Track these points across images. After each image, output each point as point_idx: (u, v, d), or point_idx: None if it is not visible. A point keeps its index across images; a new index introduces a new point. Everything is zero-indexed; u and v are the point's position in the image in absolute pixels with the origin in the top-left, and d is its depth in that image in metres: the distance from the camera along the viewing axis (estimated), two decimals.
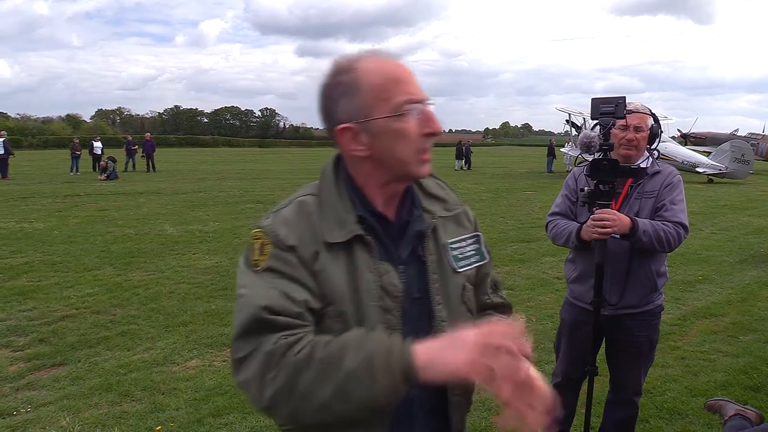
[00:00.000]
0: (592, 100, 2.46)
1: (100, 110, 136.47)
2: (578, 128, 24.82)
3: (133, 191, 16.41)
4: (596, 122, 2.47)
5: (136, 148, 26.59)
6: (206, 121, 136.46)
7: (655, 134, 2.67)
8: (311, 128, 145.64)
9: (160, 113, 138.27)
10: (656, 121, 2.68)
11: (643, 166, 2.60)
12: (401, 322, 1.11)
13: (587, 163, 2.50)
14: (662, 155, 17.13)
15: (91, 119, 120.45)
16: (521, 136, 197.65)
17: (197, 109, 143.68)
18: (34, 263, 7.25)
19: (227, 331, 4.84)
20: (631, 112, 2.53)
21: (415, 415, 1.18)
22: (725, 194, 17.59)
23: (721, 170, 22.06)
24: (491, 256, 1.32)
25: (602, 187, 2.42)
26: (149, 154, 25.61)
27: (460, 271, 1.22)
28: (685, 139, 37.09)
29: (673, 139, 29.80)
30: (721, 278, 6.89)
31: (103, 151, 24.81)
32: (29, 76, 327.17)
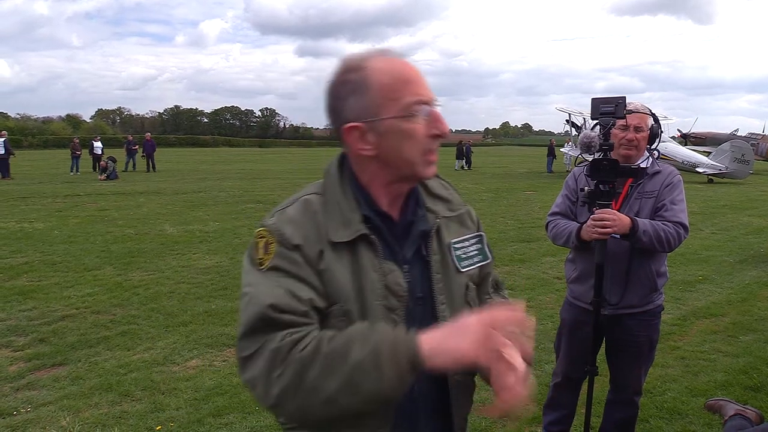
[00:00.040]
0: (592, 100, 2.46)
1: (100, 110, 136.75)
2: (578, 128, 24.82)
3: (133, 191, 16.41)
4: (596, 122, 2.47)
5: (136, 147, 26.58)
6: (206, 121, 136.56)
7: (655, 134, 2.67)
8: (311, 128, 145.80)
9: (160, 113, 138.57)
10: (656, 121, 2.68)
11: (643, 166, 2.60)
12: (405, 321, 1.11)
13: (587, 163, 2.50)
14: (662, 155, 17.13)
15: (91, 119, 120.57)
16: (521, 136, 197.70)
17: (197, 109, 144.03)
18: (34, 263, 7.25)
19: (227, 331, 4.84)
20: (631, 112, 2.53)
21: (417, 414, 1.18)
22: (725, 194, 17.58)
23: (721, 170, 22.06)
24: (494, 255, 1.32)
25: (602, 187, 2.42)
26: (149, 154, 25.61)
27: (463, 271, 1.22)
28: (685, 139, 37.09)
29: (673, 139, 29.80)
30: (721, 278, 6.89)
31: (103, 151, 24.81)
32: (29, 75, 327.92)
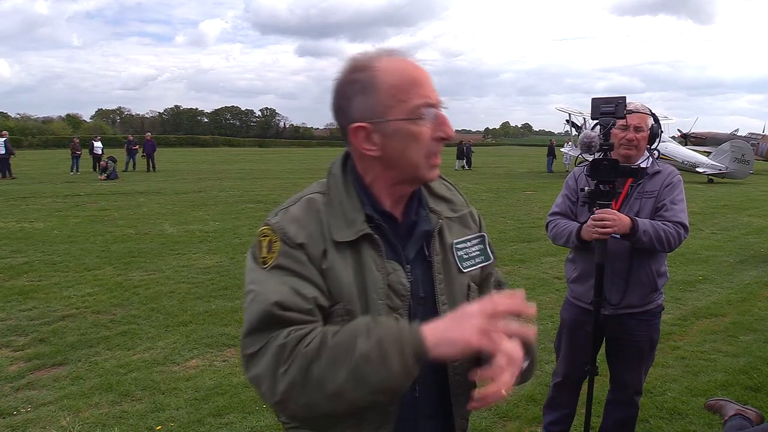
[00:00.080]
0: (592, 100, 2.46)
1: (100, 110, 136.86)
2: (578, 128, 24.84)
3: (133, 191, 16.42)
4: (596, 122, 2.47)
5: (137, 147, 26.57)
6: (206, 120, 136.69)
7: (655, 134, 2.67)
8: (311, 128, 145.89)
9: (160, 113, 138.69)
10: (656, 121, 2.68)
11: (643, 166, 2.60)
12: (407, 321, 1.11)
13: (587, 163, 2.50)
14: (662, 155, 17.14)
15: (91, 119, 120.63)
16: (521, 136, 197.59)
17: (197, 108, 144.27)
18: (34, 263, 7.25)
19: (227, 330, 4.84)
20: (631, 112, 2.54)
21: (418, 415, 1.18)
22: (725, 194, 17.59)
23: (721, 170, 22.07)
24: (496, 256, 1.32)
25: (602, 187, 2.42)
26: (150, 153, 25.60)
27: (465, 271, 1.22)
28: (685, 139, 37.08)
29: (673, 139, 29.81)
30: (721, 278, 6.89)
31: (103, 150, 24.81)
32: (29, 75, 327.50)
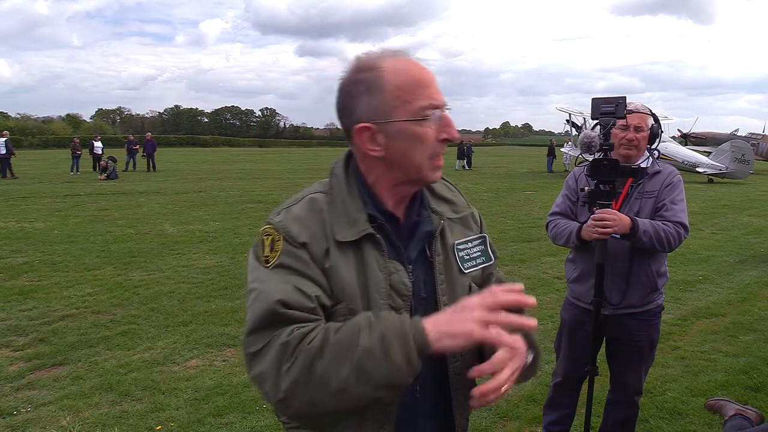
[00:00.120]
0: (592, 100, 2.46)
1: (100, 110, 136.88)
2: (578, 128, 24.83)
3: (133, 191, 16.42)
4: (596, 122, 2.47)
5: (137, 147, 26.59)
6: (206, 120, 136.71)
7: (655, 134, 2.67)
8: (311, 128, 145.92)
9: (160, 113, 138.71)
10: (656, 120, 2.69)
11: (643, 165, 2.60)
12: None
13: (588, 163, 2.50)
14: (662, 155, 17.13)
15: (91, 119, 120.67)
16: (521, 136, 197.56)
17: (197, 108, 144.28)
18: (34, 263, 7.25)
19: (227, 330, 4.84)
20: (631, 111, 2.54)
21: (419, 414, 1.18)
22: (725, 194, 17.59)
23: (721, 170, 22.07)
24: (497, 256, 1.33)
25: (602, 187, 2.42)
26: (150, 153, 25.61)
27: (466, 272, 1.22)
28: (685, 139, 37.09)
29: (673, 139, 29.81)
30: (721, 278, 6.89)
31: (103, 150, 24.81)
32: (29, 75, 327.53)
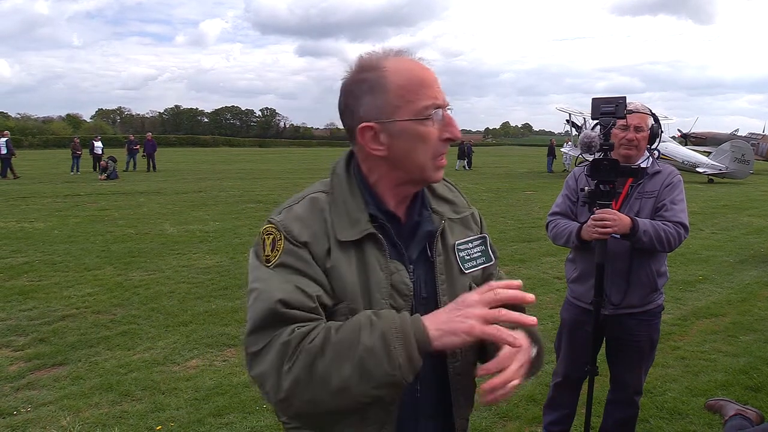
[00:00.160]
0: (592, 100, 2.46)
1: (100, 110, 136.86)
2: (578, 128, 24.84)
3: (133, 191, 16.42)
4: (597, 122, 2.48)
5: (138, 147, 26.60)
6: (206, 120, 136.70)
7: (655, 134, 2.67)
8: (311, 128, 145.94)
9: (160, 113, 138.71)
10: (656, 120, 2.69)
11: (643, 165, 2.60)
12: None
13: (588, 163, 2.50)
14: (662, 155, 17.14)
15: (91, 119, 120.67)
16: (521, 136, 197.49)
17: (197, 108, 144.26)
18: (34, 263, 7.25)
19: (227, 330, 4.85)
20: (631, 112, 2.54)
21: (419, 414, 1.18)
22: (725, 194, 17.59)
23: (721, 170, 22.07)
24: (498, 256, 1.33)
25: (603, 187, 2.42)
26: (150, 153, 25.62)
27: (467, 272, 1.23)
28: (685, 139, 37.08)
29: (673, 139, 29.81)
30: (721, 278, 6.89)
31: (103, 150, 24.81)
32: (30, 75, 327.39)
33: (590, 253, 2.54)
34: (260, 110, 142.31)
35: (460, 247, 1.23)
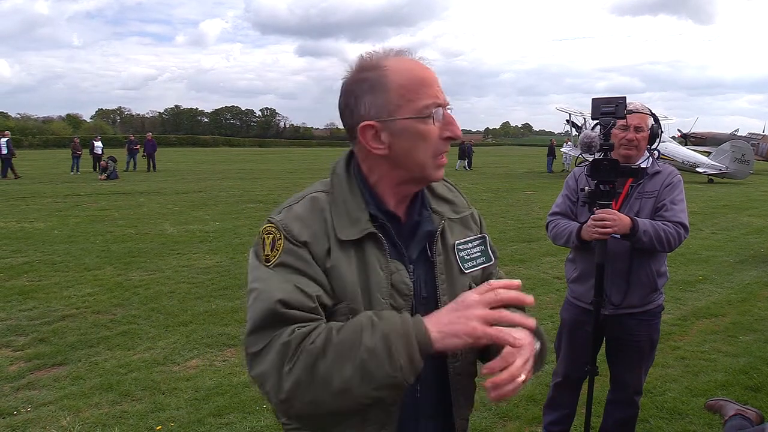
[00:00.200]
0: (592, 100, 2.46)
1: (100, 110, 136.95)
2: (578, 128, 24.83)
3: (133, 191, 16.43)
4: (597, 122, 2.48)
5: (138, 147, 26.60)
6: (206, 120, 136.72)
7: (655, 134, 2.67)
8: (311, 128, 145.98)
9: (160, 113, 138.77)
10: (656, 121, 2.69)
11: (643, 166, 2.60)
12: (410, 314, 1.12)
13: (588, 163, 2.50)
14: (662, 155, 17.14)
15: (91, 119, 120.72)
16: (521, 136, 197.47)
17: (197, 108, 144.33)
18: (34, 263, 7.25)
19: (228, 330, 4.84)
20: (631, 112, 2.54)
21: (420, 415, 1.18)
22: (725, 194, 17.59)
23: (721, 170, 22.07)
24: (497, 256, 1.33)
25: (603, 187, 2.42)
26: (150, 153, 25.63)
27: (467, 272, 1.23)
28: (685, 139, 37.09)
29: (673, 139, 29.81)
30: (721, 278, 6.89)
31: (103, 150, 24.82)
32: (29, 75, 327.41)
33: (590, 253, 2.54)
34: (260, 110, 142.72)
35: (459, 247, 1.23)
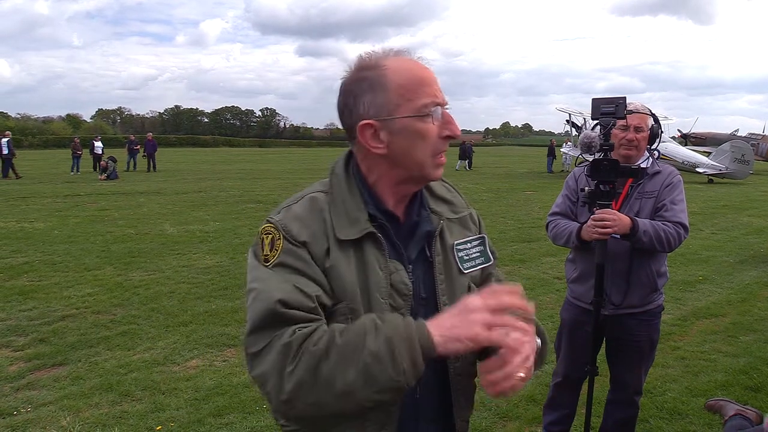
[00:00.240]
0: (592, 100, 2.47)
1: (100, 110, 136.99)
2: (578, 128, 24.83)
3: (133, 191, 16.43)
4: (597, 122, 2.48)
5: (138, 147, 26.61)
6: (207, 120, 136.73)
7: (655, 134, 2.67)
8: (311, 128, 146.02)
9: (160, 113, 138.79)
10: (656, 121, 2.69)
11: (643, 166, 2.61)
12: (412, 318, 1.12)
13: (588, 163, 2.50)
14: (662, 155, 17.14)
15: (91, 119, 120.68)
16: (521, 136, 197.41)
17: (198, 108, 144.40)
18: (34, 263, 7.25)
19: (227, 330, 4.84)
20: (631, 112, 2.54)
21: (420, 416, 1.18)
22: (725, 194, 17.60)
23: (721, 170, 22.07)
24: (496, 257, 1.33)
25: (602, 187, 2.43)
26: (151, 153, 25.64)
27: (466, 272, 1.23)
28: (685, 139, 37.09)
29: (673, 139, 29.82)
30: (721, 278, 6.89)
31: (103, 150, 24.82)
32: (29, 75, 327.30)
33: (590, 253, 2.54)
34: (260, 110, 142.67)
35: (458, 247, 1.23)
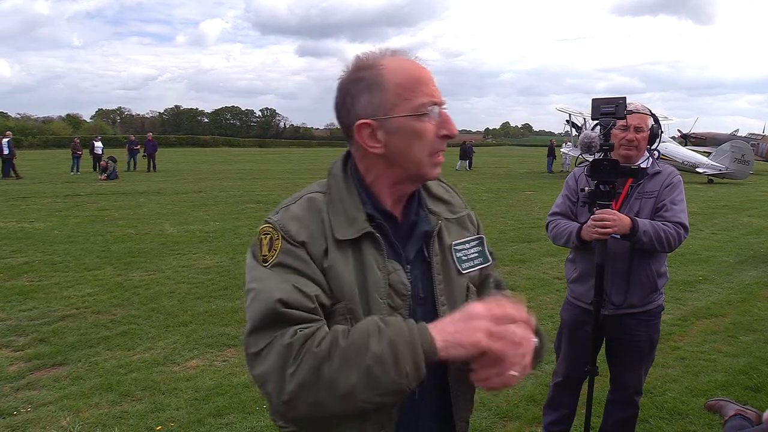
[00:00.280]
0: (592, 100, 2.47)
1: (100, 110, 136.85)
2: (578, 128, 24.83)
3: (133, 191, 16.43)
4: (597, 122, 2.48)
5: (138, 147, 26.62)
6: (206, 120, 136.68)
7: (655, 134, 2.68)
8: (311, 128, 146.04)
9: (160, 113, 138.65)
10: (656, 121, 2.69)
11: (643, 166, 2.61)
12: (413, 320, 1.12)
13: (588, 163, 2.50)
14: (662, 155, 17.14)
15: (91, 119, 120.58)
16: (521, 136, 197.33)
17: (198, 108, 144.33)
18: (34, 263, 7.25)
19: (227, 330, 4.85)
20: (631, 112, 2.54)
21: (419, 417, 1.18)
22: (725, 194, 17.60)
23: (721, 170, 22.07)
24: (495, 257, 1.33)
25: (602, 187, 2.43)
26: (151, 153, 25.65)
27: (464, 272, 1.23)
28: (685, 139, 37.09)
29: (673, 139, 29.82)
30: (721, 278, 6.90)
31: (103, 150, 24.82)
32: (29, 75, 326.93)
33: (590, 253, 2.55)
34: (260, 110, 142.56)
35: (456, 247, 1.23)
